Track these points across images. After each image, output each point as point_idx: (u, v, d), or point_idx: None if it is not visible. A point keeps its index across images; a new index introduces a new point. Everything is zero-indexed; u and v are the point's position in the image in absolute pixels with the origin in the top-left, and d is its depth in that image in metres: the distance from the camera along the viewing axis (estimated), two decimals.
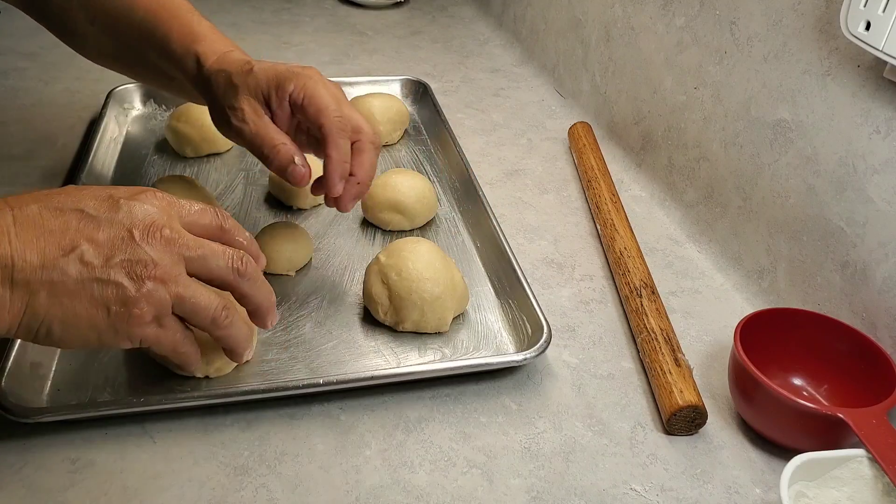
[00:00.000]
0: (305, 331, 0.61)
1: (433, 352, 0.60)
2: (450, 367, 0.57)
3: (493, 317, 0.64)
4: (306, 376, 0.56)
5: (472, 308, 0.65)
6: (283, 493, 0.48)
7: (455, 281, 0.62)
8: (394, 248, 0.62)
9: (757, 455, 0.54)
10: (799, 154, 0.64)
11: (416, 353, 0.59)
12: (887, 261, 0.57)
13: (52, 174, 0.79)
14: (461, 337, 0.62)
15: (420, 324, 0.60)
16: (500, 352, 0.60)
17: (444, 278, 0.60)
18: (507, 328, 0.63)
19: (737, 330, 0.55)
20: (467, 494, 0.49)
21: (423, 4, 1.45)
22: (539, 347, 0.57)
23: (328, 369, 0.57)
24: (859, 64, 0.58)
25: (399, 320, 0.60)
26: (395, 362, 0.58)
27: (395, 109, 0.89)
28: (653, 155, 0.86)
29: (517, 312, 0.63)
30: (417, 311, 0.59)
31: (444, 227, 0.76)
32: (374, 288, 0.61)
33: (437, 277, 0.60)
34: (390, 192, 0.72)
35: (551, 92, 1.09)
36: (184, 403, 0.53)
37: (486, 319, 0.64)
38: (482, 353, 0.60)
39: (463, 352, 0.60)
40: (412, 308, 0.59)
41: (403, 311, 0.60)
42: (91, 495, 0.47)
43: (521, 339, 0.61)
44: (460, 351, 0.60)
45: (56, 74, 1.00)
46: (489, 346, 0.61)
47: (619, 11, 0.93)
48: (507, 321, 0.63)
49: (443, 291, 0.60)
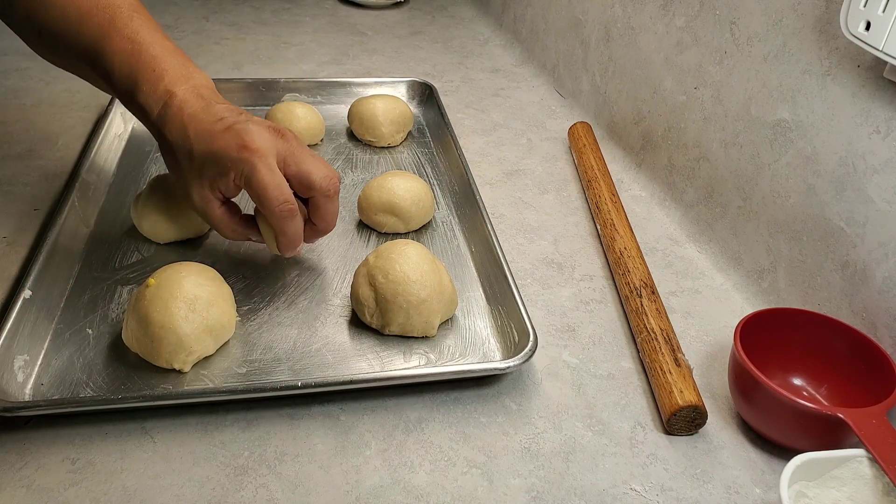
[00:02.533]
0: (292, 332, 0.60)
1: (418, 356, 0.59)
2: (432, 372, 0.57)
3: (483, 323, 0.63)
4: (289, 378, 0.55)
5: (462, 313, 0.64)
6: (283, 493, 0.48)
7: (443, 285, 0.61)
8: (383, 249, 0.62)
9: (757, 455, 0.54)
10: (799, 154, 0.64)
11: (401, 358, 0.59)
12: (887, 261, 0.57)
13: (53, 174, 0.79)
14: (448, 342, 0.61)
15: (406, 327, 0.60)
16: (487, 358, 0.59)
17: (432, 282, 0.59)
18: (495, 334, 0.62)
19: (737, 330, 0.55)
20: (467, 494, 0.49)
21: (423, 4, 1.45)
22: (524, 355, 0.56)
23: (312, 371, 0.57)
24: (859, 64, 0.58)
25: (385, 323, 0.60)
26: (378, 366, 0.58)
27: (398, 112, 0.89)
28: (653, 155, 0.86)
29: (506, 319, 0.62)
30: (403, 315, 0.59)
31: (441, 230, 0.76)
32: (362, 290, 0.60)
33: (424, 281, 0.59)
34: (386, 194, 0.72)
35: (551, 92, 1.09)
36: (180, 401, 0.53)
37: (474, 325, 0.63)
38: (468, 359, 0.59)
39: (448, 357, 0.59)
40: (398, 311, 0.59)
41: (389, 314, 0.59)
42: (91, 495, 0.47)
43: (509, 346, 0.60)
44: (446, 356, 0.60)
45: (56, 74, 1.00)
46: (476, 352, 0.60)
47: (619, 11, 0.93)
48: (495, 327, 0.63)
49: (429, 295, 0.59)
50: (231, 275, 0.66)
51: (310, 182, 0.59)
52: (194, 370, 0.56)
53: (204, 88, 0.60)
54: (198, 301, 0.55)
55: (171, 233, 0.69)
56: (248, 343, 0.59)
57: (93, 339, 0.58)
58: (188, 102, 0.58)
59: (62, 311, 0.60)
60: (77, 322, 0.59)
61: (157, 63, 0.59)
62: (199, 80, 0.60)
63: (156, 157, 0.83)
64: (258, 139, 0.56)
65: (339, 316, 0.63)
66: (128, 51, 0.59)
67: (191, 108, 0.58)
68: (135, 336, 0.55)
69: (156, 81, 0.58)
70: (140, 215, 0.68)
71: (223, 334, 0.57)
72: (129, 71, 0.59)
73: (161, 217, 0.68)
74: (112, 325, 0.59)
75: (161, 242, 0.69)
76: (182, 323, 0.54)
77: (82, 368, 0.55)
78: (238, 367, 0.57)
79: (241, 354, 0.58)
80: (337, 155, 0.88)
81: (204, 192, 0.59)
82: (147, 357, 0.55)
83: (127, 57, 0.59)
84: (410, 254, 0.60)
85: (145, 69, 0.59)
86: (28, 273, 0.59)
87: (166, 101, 0.58)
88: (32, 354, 0.55)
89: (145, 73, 0.58)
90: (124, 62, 0.59)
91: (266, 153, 0.56)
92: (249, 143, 0.56)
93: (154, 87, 0.58)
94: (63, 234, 0.66)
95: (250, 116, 0.59)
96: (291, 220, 0.58)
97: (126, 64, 0.59)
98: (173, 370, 0.55)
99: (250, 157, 0.56)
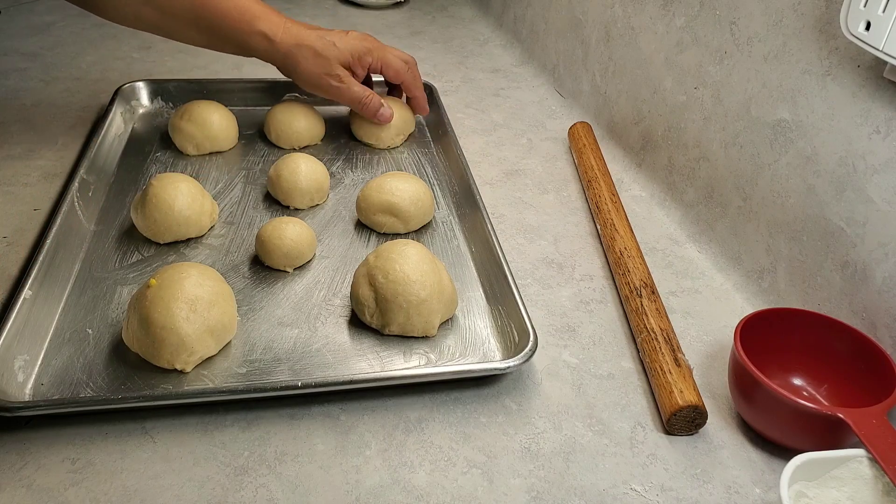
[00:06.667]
0: (292, 332, 0.60)
1: (418, 356, 0.59)
2: (433, 372, 0.57)
3: (483, 323, 0.63)
4: (289, 378, 0.55)
5: (462, 313, 0.64)
6: (283, 493, 0.48)
7: (443, 285, 0.61)
8: (383, 249, 0.62)
9: (757, 455, 0.54)
10: (799, 154, 0.64)
11: (401, 358, 0.59)
12: (887, 261, 0.57)
13: (53, 174, 0.79)
14: (448, 342, 0.61)
15: (406, 327, 0.60)
16: (487, 358, 0.60)
17: (432, 282, 0.59)
18: (495, 334, 0.62)
19: (737, 330, 0.55)
20: (467, 494, 0.49)
21: (423, 4, 1.45)
22: (524, 355, 0.56)
23: (312, 371, 0.57)
24: (859, 64, 0.58)
25: (385, 323, 0.60)
26: (379, 366, 0.58)
27: (400, 115, 0.89)
28: (653, 155, 0.86)
29: (506, 319, 0.62)
30: (403, 315, 0.59)
31: (441, 230, 0.76)
32: (362, 290, 0.60)
33: (425, 280, 0.59)
34: (385, 194, 0.72)
35: (551, 92, 1.09)
36: (181, 401, 0.53)
37: (475, 325, 0.63)
38: (468, 359, 0.59)
39: (448, 357, 0.59)
40: (398, 311, 0.59)
41: (389, 313, 0.59)
42: (91, 495, 0.47)
43: (509, 346, 0.60)
44: (446, 356, 0.60)
45: (56, 74, 1.00)
46: (476, 352, 0.60)
47: (619, 11, 0.93)
48: (495, 327, 0.63)
49: (429, 295, 0.59)
50: (231, 275, 0.66)
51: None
52: (195, 370, 0.56)
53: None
54: (199, 301, 0.55)
55: (171, 233, 0.69)
56: (249, 343, 0.59)
57: (93, 339, 0.58)
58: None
59: (62, 311, 0.60)
60: (77, 322, 0.59)
61: (265, 7, 0.81)
62: None
63: (156, 157, 0.83)
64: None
65: (338, 316, 0.63)
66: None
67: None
68: (136, 336, 0.55)
69: (272, 16, 0.80)
70: (140, 215, 0.68)
71: (225, 335, 0.57)
72: (246, 11, 0.79)
73: (161, 217, 0.68)
74: (112, 325, 0.59)
75: (161, 242, 0.69)
76: (183, 324, 0.54)
77: (82, 368, 0.55)
78: (238, 367, 0.57)
79: (242, 354, 0.58)
80: (337, 155, 0.88)
81: (345, 72, 0.84)
82: (148, 357, 0.55)
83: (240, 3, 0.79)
84: (410, 254, 0.60)
85: (261, 10, 0.80)
86: (28, 273, 0.59)
87: (286, 24, 0.81)
88: (32, 354, 0.55)
89: (262, 10, 0.80)
90: (238, 5, 0.78)
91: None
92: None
93: (271, 22, 0.80)
94: (63, 233, 0.66)
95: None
96: None
97: (241, 5, 0.78)
98: (174, 370, 0.55)
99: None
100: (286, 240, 0.65)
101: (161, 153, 0.84)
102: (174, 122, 0.84)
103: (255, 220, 0.74)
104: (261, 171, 0.82)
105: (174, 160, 0.83)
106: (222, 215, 0.74)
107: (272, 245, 0.65)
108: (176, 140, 0.84)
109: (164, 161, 0.83)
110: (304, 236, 0.67)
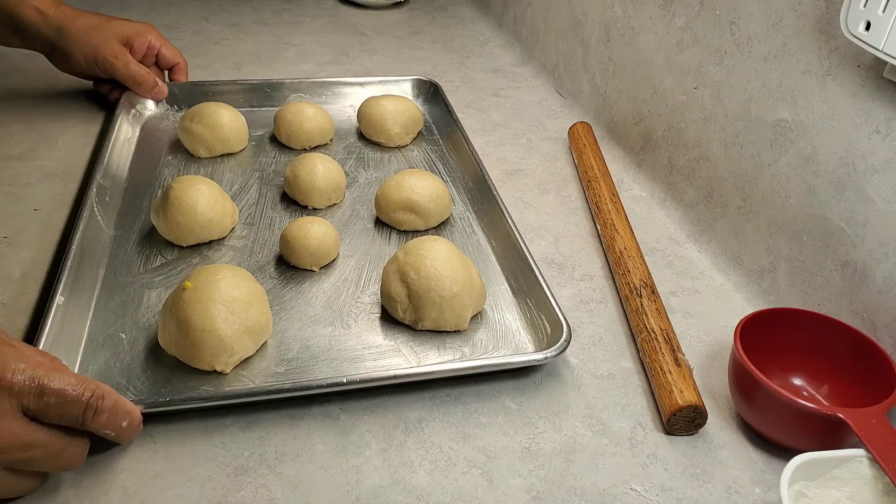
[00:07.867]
0: (326, 330, 0.61)
1: (453, 351, 0.60)
2: (470, 366, 0.57)
3: (511, 315, 0.64)
4: (327, 375, 0.56)
5: (490, 307, 0.65)
6: (283, 493, 0.48)
7: (473, 279, 0.62)
8: (412, 246, 0.62)
9: (757, 455, 0.54)
10: (799, 154, 0.64)
11: (435, 352, 0.60)
12: (887, 261, 0.57)
13: (52, 174, 0.79)
14: (480, 336, 0.62)
15: (439, 322, 0.60)
16: (519, 351, 0.60)
17: (462, 276, 0.60)
18: (525, 327, 0.63)
19: (737, 330, 0.55)
20: (467, 494, 0.49)
21: (423, 4, 1.45)
22: (559, 346, 0.57)
23: (349, 367, 0.57)
24: (859, 64, 0.58)
25: (418, 318, 0.61)
26: (414, 361, 0.58)
27: (409, 114, 0.89)
28: (653, 155, 0.86)
29: (535, 311, 0.63)
30: (436, 310, 0.60)
31: (459, 226, 0.76)
32: (393, 286, 0.61)
33: (456, 275, 0.60)
34: (405, 192, 0.72)
35: (551, 92, 1.09)
36: (185, 406, 0.53)
37: (504, 318, 0.64)
38: (502, 351, 0.60)
39: (482, 350, 0.60)
40: (431, 306, 0.59)
41: (422, 309, 0.60)
42: (91, 495, 0.47)
43: (540, 338, 0.61)
44: (479, 350, 0.60)
45: (57, 75, 1.00)
46: (508, 344, 0.61)
47: (619, 11, 0.93)
48: (525, 320, 0.63)
49: (461, 289, 0.60)
50: (258, 275, 0.66)
51: None
52: (233, 371, 0.56)
53: None
54: (236, 302, 0.55)
55: (194, 235, 0.68)
56: (284, 343, 0.59)
57: (127, 343, 0.58)
58: None
59: (92, 317, 0.60)
60: (109, 327, 0.59)
61: None
62: None
63: (167, 161, 0.83)
64: None
65: (369, 313, 0.63)
66: None
67: None
68: (173, 339, 0.55)
69: None
70: (162, 218, 0.68)
71: (262, 334, 0.57)
72: None
73: (184, 220, 0.67)
74: (144, 328, 0.59)
75: (183, 245, 0.69)
76: (222, 325, 0.54)
77: (121, 373, 0.55)
78: (276, 367, 0.57)
79: (278, 354, 0.58)
80: (348, 154, 0.88)
81: (122, 48, 0.87)
82: (187, 360, 0.55)
83: None
84: (440, 249, 0.61)
85: None
86: (59, 278, 0.59)
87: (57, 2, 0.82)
88: (69, 360, 0.55)
89: None
90: None
91: None
92: None
93: None
94: (86, 239, 0.65)
95: None
96: None
97: None
98: (213, 372, 0.55)
99: None
100: (312, 239, 0.66)
101: (171, 156, 0.84)
102: (184, 125, 0.83)
103: (276, 221, 0.74)
104: (274, 172, 0.82)
105: (186, 163, 0.83)
106: (241, 217, 0.74)
107: (298, 244, 0.65)
108: (186, 143, 0.83)
109: (175, 164, 0.82)
110: (330, 235, 0.67)
